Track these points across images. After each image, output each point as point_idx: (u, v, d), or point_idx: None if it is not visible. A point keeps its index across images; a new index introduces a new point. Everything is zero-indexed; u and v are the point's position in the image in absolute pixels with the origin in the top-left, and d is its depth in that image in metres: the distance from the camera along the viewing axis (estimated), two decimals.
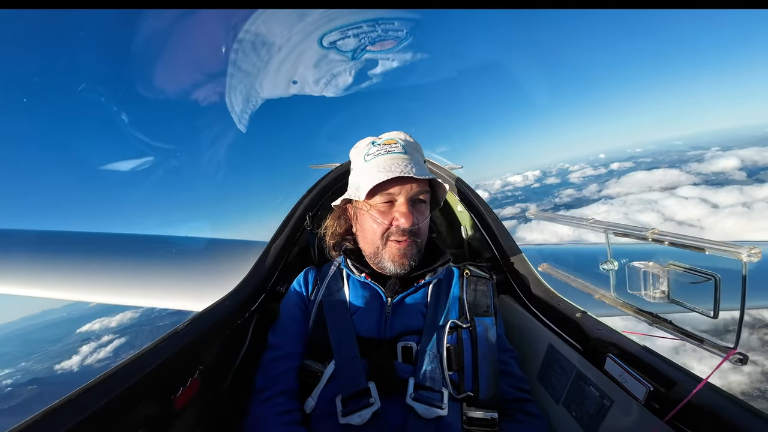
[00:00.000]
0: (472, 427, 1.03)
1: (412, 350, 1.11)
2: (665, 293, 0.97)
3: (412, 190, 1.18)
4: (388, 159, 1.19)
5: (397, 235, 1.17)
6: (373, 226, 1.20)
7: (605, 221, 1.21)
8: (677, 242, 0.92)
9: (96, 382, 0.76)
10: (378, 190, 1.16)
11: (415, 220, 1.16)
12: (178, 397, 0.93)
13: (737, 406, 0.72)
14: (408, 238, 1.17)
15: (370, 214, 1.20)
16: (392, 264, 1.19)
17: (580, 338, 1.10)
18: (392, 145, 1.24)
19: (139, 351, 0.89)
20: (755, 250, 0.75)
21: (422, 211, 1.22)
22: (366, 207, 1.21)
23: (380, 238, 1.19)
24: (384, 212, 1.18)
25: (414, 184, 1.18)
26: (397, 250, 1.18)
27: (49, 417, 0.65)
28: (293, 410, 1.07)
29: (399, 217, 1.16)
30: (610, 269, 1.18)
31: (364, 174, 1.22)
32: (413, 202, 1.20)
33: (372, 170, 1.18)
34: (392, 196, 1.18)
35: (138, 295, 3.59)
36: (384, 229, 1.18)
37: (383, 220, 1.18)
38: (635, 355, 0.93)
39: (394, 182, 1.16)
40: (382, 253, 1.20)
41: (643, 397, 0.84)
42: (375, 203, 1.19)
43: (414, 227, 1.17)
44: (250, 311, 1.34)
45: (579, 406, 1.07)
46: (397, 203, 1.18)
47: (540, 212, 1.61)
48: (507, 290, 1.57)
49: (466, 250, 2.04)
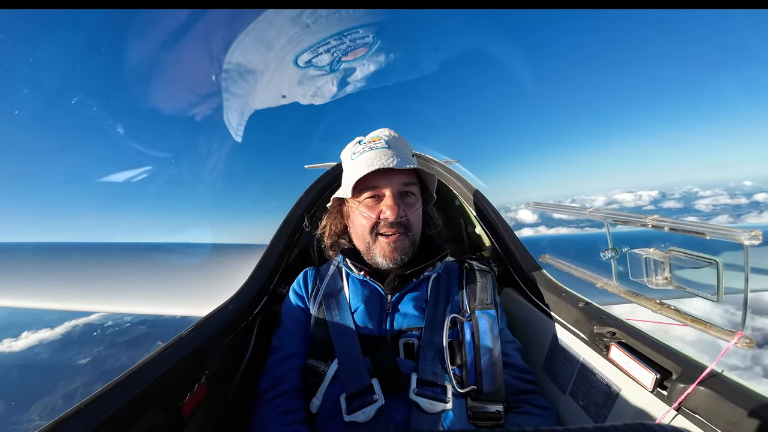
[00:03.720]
0: (477, 420, 1.03)
1: (413, 346, 1.12)
2: (668, 279, 0.98)
3: (397, 183, 1.19)
4: (371, 155, 1.21)
5: (385, 228, 1.19)
6: (362, 221, 1.22)
7: (604, 209, 1.21)
8: (677, 228, 0.92)
9: (103, 391, 0.75)
10: (363, 186, 1.18)
11: (401, 213, 1.17)
12: (186, 403, 0.92)
13: (745, 390, 0.72)
14: (397, 231, 1.19)
15: (358, 210, 1.22)
16: (383, 259, 1.20)
17: (585, 328, 1.10)
18: (376, 142, 1.25)
19: (145, 359, 0.89)
20: (755, 233, 0.75)
21: (411, 203, 1.23)
22: (355, 204, 1.23)
23: (369, 233, 1.21)
24: (371, 207, 1.20)
25: (399, 177, 1.20)
26: (386, 244, 1.19)
27: (59, 427, 0.65)
28: (296, 410, 1.08)
29: (385, 210, 1.17)
30: (612, 257, 1.18)
31: (350, 172, 1.24)
32: (401, 195, 1.21)
33: (357, 167, 1.20)
34: (378, 191, 1.20)
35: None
36: (372, 224, 1.20)
37: (370, 215, 1.19)
38: (641, 342, 0.93)
39: (377, 176, 1.17)
40: (373, 248, 1.22)
41: (651, 385, 0.85)
42: (362, 199, 1.21)
43: (402, 219, 1.18)
44: (253, 314, 1.34)
45: (586, 396, 1.07)
46: (383, 198, 1.19)
47: (539, 202, 1.61)
48: (509, 282, 1.57)
49: (466, 244, 2.04)
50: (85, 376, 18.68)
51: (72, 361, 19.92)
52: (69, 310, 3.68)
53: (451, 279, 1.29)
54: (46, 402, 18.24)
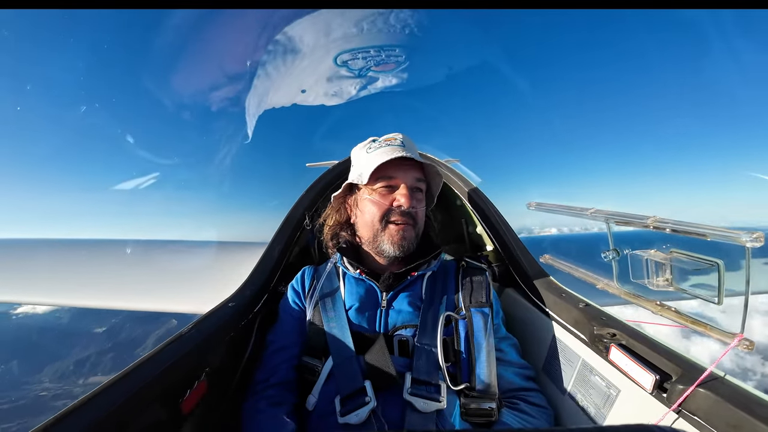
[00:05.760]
0: (470, 417, 1.03)
1: (408, 344, 1.13)
2: (669, 281, 0.97)
3: (411, 177, 1.26)
4: (389, 149, 1.25)
5: (396, 216, 1.23)
6: (373, 209, 1.25)
7: (605, 210, 1.20)
8: (679, 229, 0.92)
9: (103, 388, 0.75)
10: (380, 174, 1.23)
11: (413, 203, 1.24)
12: (186, 400, 0.93)
13: (745, 393, 0.72)
14: (407, 221, 1.24)
15: (371, 197, 1.26)
16: (391, 246, 1.24)
17: (585, 329, 1.10)
18: (391, 141, 1.30)
19: (145, 356, 0.89)
20: (757, 235, 0.74)
21: (420, 199, 1.31)
22: (368, 191, 1.27)
23: (380, 220, 1.24)
24: (384, 195, 1.25)
25: (414, 172, 1.26)
26: (396, 231, 1.23)
27: (58, 424, 0.65)
28: (285, 402, 1.11)
29: (400, 198, 1.22)
30: (613, 258, 1.18)
31: (366, 162, 1.28)
32: (412, 190, 1.26)
33: (375, 157, 1.24)
34: (393, 181, 1.25)
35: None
36: (384, 211, 1.23)
37: (383, 202, 1.24)
38: (640, 343, 0.93)
39: (394, 167, 1.24)
40: (381, 236, 1.25)
41: (650, 386, 0.85)
42: (377, 187, 1.25)
43: (412, 210, 1.24)
44: (253, 312, 1.34)
45: (585, 397, 1.07)
46: (397, 188, 1.24)
47: (539, 203, 1.60)
48: (510, 282, 1.57)
49: (467, 244, 2.04)
50: (99, 345, 19.02)
51: (89, 329, 20.22)
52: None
53: (447, 277, 1.30)
54: (58, 366, 18.61)
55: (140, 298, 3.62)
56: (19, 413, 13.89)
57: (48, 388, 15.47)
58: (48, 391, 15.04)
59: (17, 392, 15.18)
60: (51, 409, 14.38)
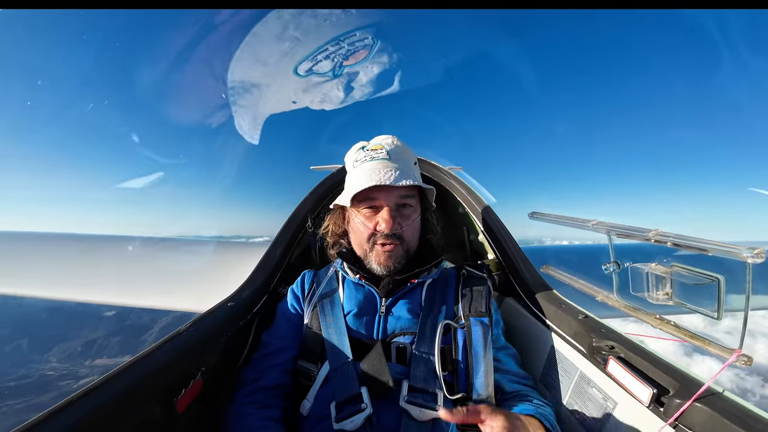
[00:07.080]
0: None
1: (406, 351, 1.12)
2: (669, 295, 0.97)
3: (394, 197, 1.22)
4: (372, 166, 1.23)
5: (381, 238, 1.21)
6: (360, 229, 1.24)
7: (607, 222, 1.20)
8: (680, 243, 0.92)
9: (98, 384, 0.76)
10: (361, 197, 1.21)
11: (396, 226, 1.20)
12: (181, 399, 0.92)
13: (742, 408, 0.71)
14: (392, 242, 1.21)
15: (357, 219, 1.25)
16: (378, 266, 1.23)
17: (583, 340, 1.10)
18: (378, 151, 1.27)
19: (142, 353, 0.89)
20: (758, 251, 0.74)
21: (407, 215, 1.25)
22: (354, 212, 1.26)
23: (367, 241, 1.23)
24: (369, 217, 1.23)
25: (397, 191, 1.22)
26: (382, 252, 1.22)
27: (51, 418, 0.65)
28: (273, 406, 1.09)
29: (381, 222, 1.20)
30: (614, 270, 1.17)
31: (351, 180, 1.28)
32: (398, 208, 1.23)
33: (357, 177, 1.23)
34: (376, 202, 1.22)
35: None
36: (369, 234, 1.22)
37: (368, 224, 1.22)
38: (639, 357, 0.92)
39: (376, 190, 1.20)
40: (369, 255, 1.24)
41: (647, 399, 0.84)
42: (361, 209, 1.23)
43: (396, 232, 1.20)
44: (252, 313, 1.34)
45: (582, 408, 1.06)
46: (380, 209, 1.22)
47: (541, 213, 1.60)
48: (510, 292, 1.57)
49: (468, 252, 2.03)
50: (107, 328, 19.02)
51: (99, 311, 20.10)
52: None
53: (447, 285, 1.29)
54: (66, 347, 18.62)
55: (141, 295, 3.63)
56: (24, 391, 13.96)
57: (55, 368, 15.46)
58: (55, 371, 15.10)
59: (24, 370, 15.29)
60: (55, 388, 14.41)
